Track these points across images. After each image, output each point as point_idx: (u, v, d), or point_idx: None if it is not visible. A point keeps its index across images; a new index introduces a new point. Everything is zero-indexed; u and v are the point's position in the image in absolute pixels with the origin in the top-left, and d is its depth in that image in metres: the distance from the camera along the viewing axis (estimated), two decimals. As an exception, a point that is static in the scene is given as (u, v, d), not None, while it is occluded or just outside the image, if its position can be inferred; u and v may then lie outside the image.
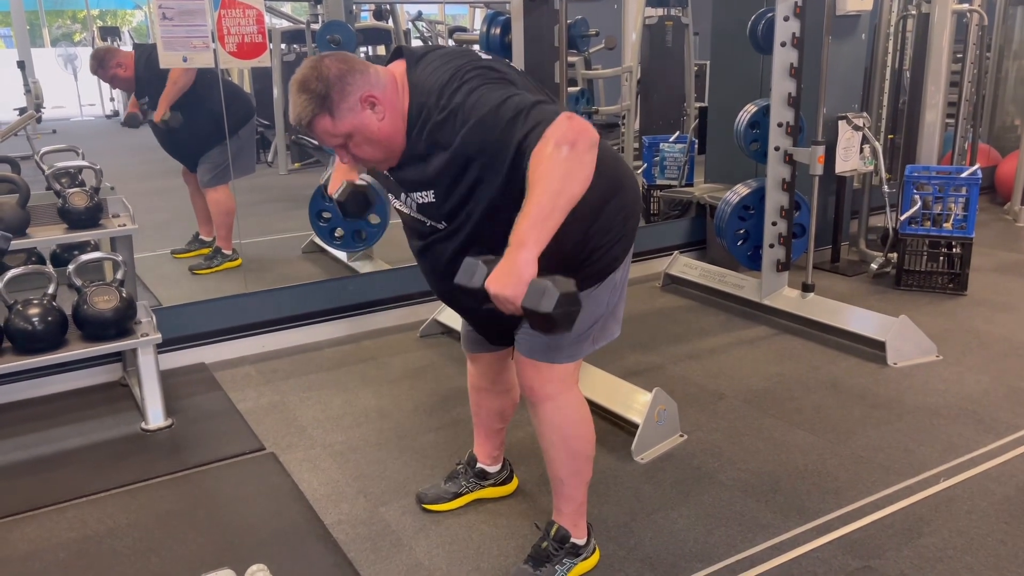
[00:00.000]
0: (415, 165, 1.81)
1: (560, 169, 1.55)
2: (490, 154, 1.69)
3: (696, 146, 5.13)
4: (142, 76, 4.28)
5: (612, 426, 2.88)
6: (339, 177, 2.22)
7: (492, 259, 1.57)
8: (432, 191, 1.81)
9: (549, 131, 1.58)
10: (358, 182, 2.20)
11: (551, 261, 1.76)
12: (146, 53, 4.21)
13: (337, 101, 1.71)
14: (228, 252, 4.53)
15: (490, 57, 1.85)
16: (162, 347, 3.10)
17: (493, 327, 2.12)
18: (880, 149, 4.35)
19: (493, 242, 1.63)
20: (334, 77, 1.70)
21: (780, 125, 3.71)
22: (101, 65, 4.27)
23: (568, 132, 1.56)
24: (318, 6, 6.95)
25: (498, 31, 3.41)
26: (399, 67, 1.82)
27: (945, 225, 4.19)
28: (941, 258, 4.28)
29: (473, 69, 1.76)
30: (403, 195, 1.90)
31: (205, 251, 4.66)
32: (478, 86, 1.72)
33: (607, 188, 1.90)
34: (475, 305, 1.62)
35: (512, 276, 1.54)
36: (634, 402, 2.85)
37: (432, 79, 1.76)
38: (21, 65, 7.26)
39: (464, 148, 1.71)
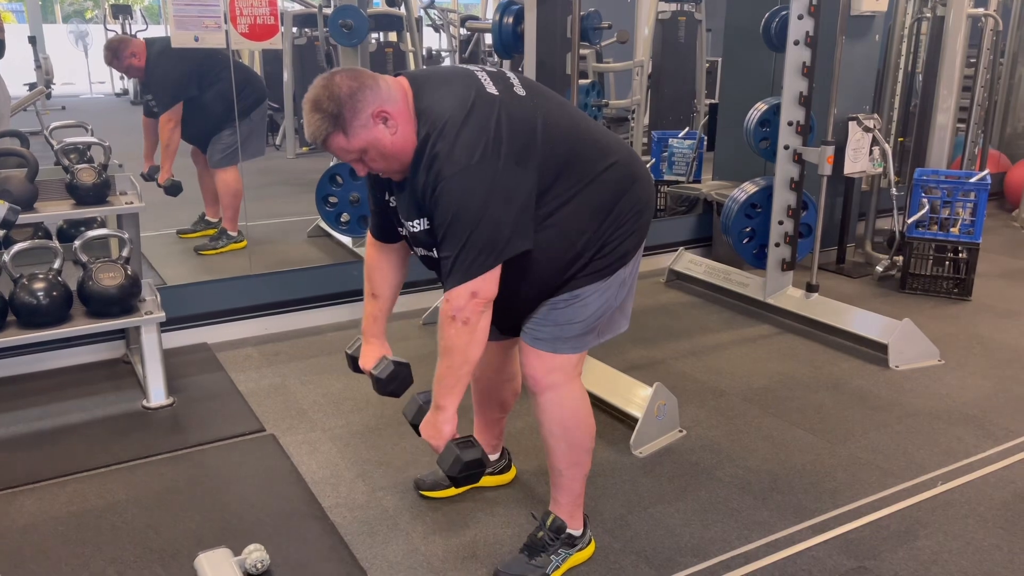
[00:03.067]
0: (411, 189, 1.82)
1: (459, 342, 1.80)
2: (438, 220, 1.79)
3: (705, 143, 5.12)
4: (149, 73, 4.28)
5: (612, 419, 2.88)
6: (371, 351, 2.17)
7: (430, 400, 1.95)
8: (426, 219, 1.83)
9: (452, 301, 1.77)
10: (395, 357, 2.14)
11: (565, 256, 1.87)
12: (156, 49, 4.21)
13: (350, 119, 1.72)
14: (234, 234, 4.54)
15: (494, 90, 1.81)
16: (165, 326, 3.11)
17: (501, 317, 2.12)
18: (890, 151, 4.33)
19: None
20: (345, 96, 1.71)
21: (790, 124, 3.70)
22: (116, 56, 4.27)
23: (464, 309, 1.77)
24: (331, -9, 6.93)
25: (511, 20, 3.40)
26: (405, 83, 1.82)
27: (952, 230, 4.18)
28: (947, 263, 4.27)
29: (473, 122, 1.74)
30: (403, 220, 1.92)
31: (211, 232, 4.67)
32: (468, 167, 1.71)
33: (621, 183, 1.91)
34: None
35: (435, 430, 1.91)
36: (634, 396, 2.86)
37: (443, 110, 1.75)
38: (32, 40, 7.26)
39: (433, 210, 1.78)
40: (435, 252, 1.89)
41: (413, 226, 1.88)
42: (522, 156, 1.77)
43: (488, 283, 1.77)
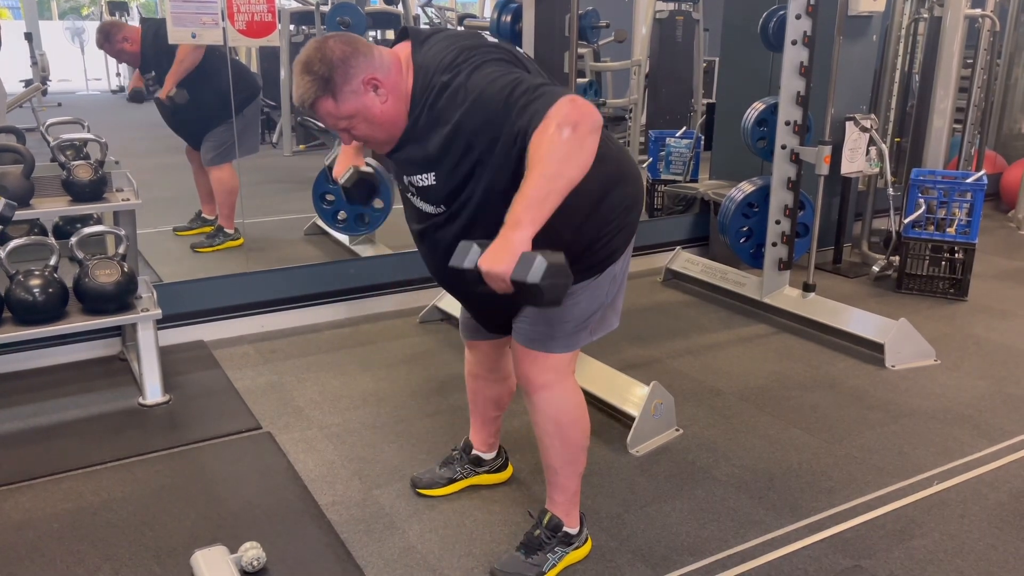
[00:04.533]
0: (416, 146, 1.79)
1: (559, 152, 1.54)
2: (491, 134, 1.69)
3: (702, 142, 5.12)
4: (148, 51, 4.26)
5: (608, 418, 2.89)
6: (345, 161, 2.20)
7: (486, 242, 1.57)
8: (432, 173, 1.80)
9: (551, 112, 1.57)
10: (364, 168, 2.18)
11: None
12: (153, 28, 4.19)
13: (340, 83, 1.70)
14: (230, 231, 4.53)
15: (497, 41, 1.84)
16: (162, 323, 3.11)
17: (491, 315, 2.12)
18: (886, 151, 4.34)
19: (492, 227, 1.61)
20: (338, 59, 1.69)
21: (787, 124, 3.70)
22: (107, 39, 4.26)
23: (570, 114, 1.55)
24: (329, -12, 6.92)
25: (509, 18, 3.40)
26: (404, 49, 1.81)
27: (948, 230, 4.19)
28: (943, 263, 4.28)
29: (479, 48, 1.75)
30: (404, 178, 1.89)
31: (207, 229, 4.66)
32: (482, 64, 1.71)
33: (609, 179, 1.89)
34: (469, 288, 1.62)
35: (506, 252, 1.54)
36: (631, 395, 2.86)
37: (437, 59, 1.75)
38: (28, 37, 7.25)
39: (466, 126, 1.70)
40: (440, 207, 1.85)
41: (419, 181, 1.83)
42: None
43: (578, 98, 1.60)
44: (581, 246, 1.88)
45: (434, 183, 1.81)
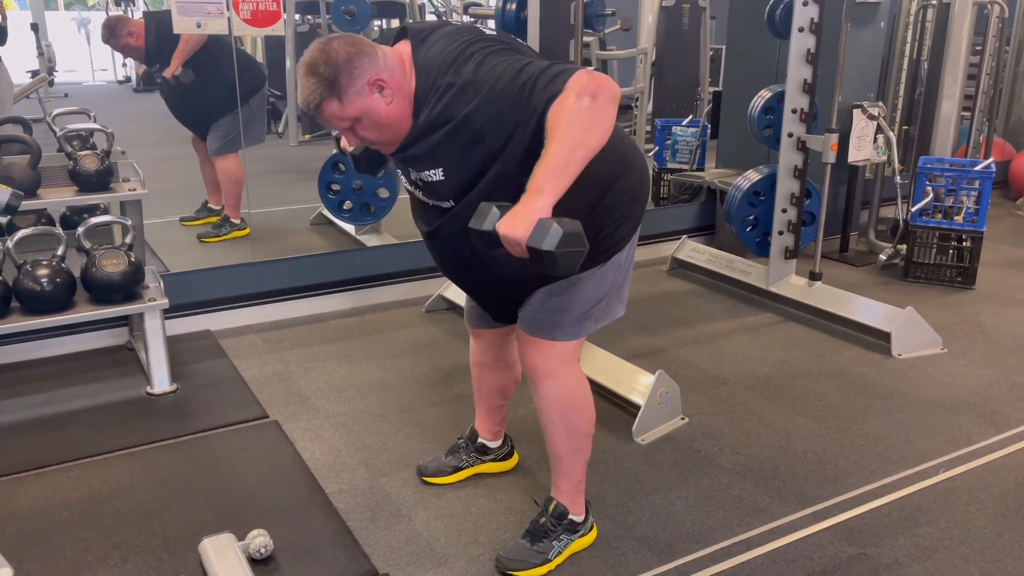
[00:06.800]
0: (423, 143, 1.78)
1: (580, 120, 1.54)
2: (507, 122, 1.67)
3: (709, 130, 5.10)
4: (152, 44, 4.26)
5: (614, 407, 2.89)
6: None
7: (507, 205, 1.56)
8: (440, 169, 1.80)
9: (570, 83, 1.57)
10: None
11: None
12: (156, 20, 4.19)
13: (345, 85, 1.70)
14: (236, 221, 4.54)
15: (495, 32, 1.83)
16: (169, 313, 3.12)
17: (498, 304, 2.12)
18: (894, 139, 4.32)
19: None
20: (343, 61, 1.69)
21: (794, 111, 3.68)
22: (112, 35, 4.26)
23: (589, 84, 1.56)
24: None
25: (513, 6, 3.38)
26: (405, 48, 1.80)
27: (956, 218, 4.17)
28: (951, 251, 4.26)
29: (478, 42, 1.74)
30: (411, 173, 1.89)
31: (214, 219, 4.67)
32: (486, 57, 1.70)
33: (615, 168, 1.90)
34: (486, 249, 1.61)
35: (524, 218, 1.53)
36: (637, 384, 2.86)
37: (439, 58, 1.74)
38: (34, 27, 7.25)
39: (476, 119, 1.69)
40: (448, 203, 1.85)
41: (427, 177, 1.82)
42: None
43: (593, 71, 1.62)
44: (587, 235, 1.87)
45: (443, 178, 1.81)
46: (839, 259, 4.66)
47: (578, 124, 1.55)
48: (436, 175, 1.81)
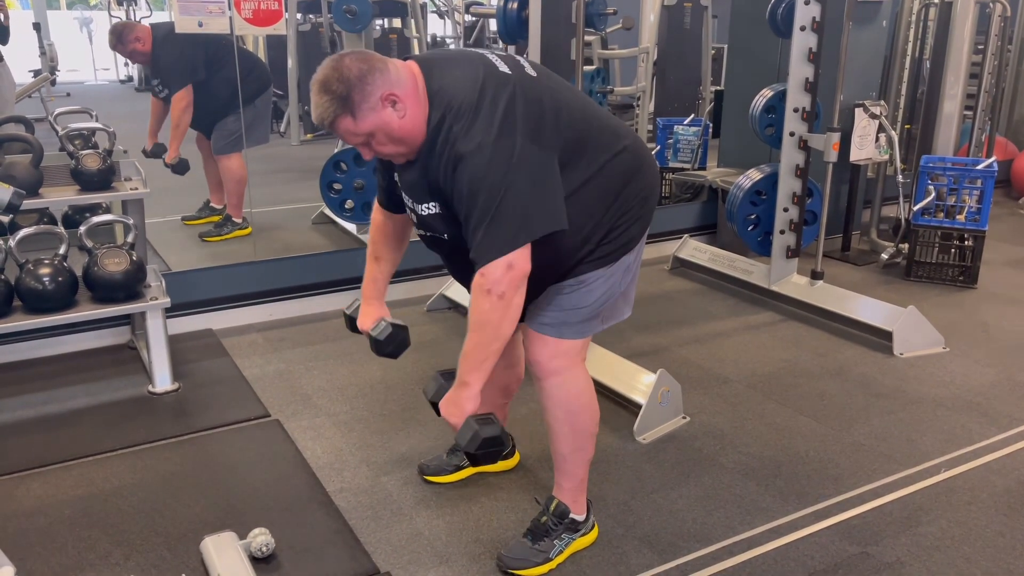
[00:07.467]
0: (422, 171, 1.81)
1: (494, 318, 1.75)
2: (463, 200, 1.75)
3: (710, 129, 5.10)
4: (156, 58, 4.27)
5: (615, 406, 2.89)
6: (369, 311, 2.17)
7: (451, 380, 1.87)
8: (436, 203, 1.83)
9: (487, 274, 1.71)
10: (393, 320, 2.14)
11: (573, 241, 1.85)
12: (161, 33, 4.20)
13: (358, 102, 1.71)
14: (238, 220, 4.55)
15: (507, 70, 1.80)
16: (170, 312, 3.12)
17: None
18: (896, 138, 4.31)
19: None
20: (355, 78, 1.70)
21: (796, 111, 3.68)
22: (120, 40, 4.26)
23: (500, 283, 1.71)
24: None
25: (515, 5, 3.39)
26: (414, 66, 1.81)
27: (958, 217, 4.16)
28: (953, 250, 4.25)
29: (496, 95, 1.73)
30: (410, 202, 1.91)
31: (215, 218, 4.68)
32: (497, 139, 1.70)
33: (628, 170, 1.92)
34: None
35: (456, 407, 1.83)
36: (638, 383, 2.86)
37: (455, 95, 1.74)
38: (37, 27, 7.25)
39: (450, 185, 1.75)
40: (444, 235, 1.88)
41: (421, 209, 1.87)
42: (538, 135, 1.76)
43: (523, 257, 1.72)
44: (599, 235, 1.90)
45: (439, 211, 1.84)
46: (841, 258, 4.66)
47: (492, 323, 1.75)
48: (432, 208, 1.85)
